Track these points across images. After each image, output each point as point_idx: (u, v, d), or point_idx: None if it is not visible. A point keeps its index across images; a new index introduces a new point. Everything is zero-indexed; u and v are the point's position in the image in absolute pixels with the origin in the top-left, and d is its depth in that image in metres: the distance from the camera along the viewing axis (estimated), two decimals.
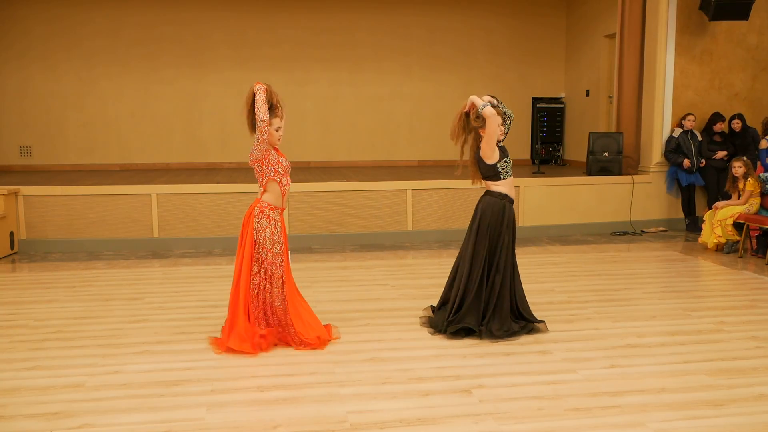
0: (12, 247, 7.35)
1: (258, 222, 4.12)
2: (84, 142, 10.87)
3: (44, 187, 7.59)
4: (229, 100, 11.00)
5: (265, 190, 4.17)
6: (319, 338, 4.23)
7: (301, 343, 4.17)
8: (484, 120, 4.32)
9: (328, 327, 4.43)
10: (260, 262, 4.12)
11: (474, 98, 4.43)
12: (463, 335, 4.34)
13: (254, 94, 4.07)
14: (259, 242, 4.11)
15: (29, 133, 10.75)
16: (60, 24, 10.64)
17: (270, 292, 4.14)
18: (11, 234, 7.34)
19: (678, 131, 8.57)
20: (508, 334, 4.32)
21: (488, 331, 4.31)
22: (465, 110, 4.48)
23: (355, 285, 5.90)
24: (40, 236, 7.50)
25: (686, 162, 8.48)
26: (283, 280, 4.17)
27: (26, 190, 7.49)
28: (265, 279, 4.13)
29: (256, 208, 4.15)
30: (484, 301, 4.39)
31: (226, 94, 10.99)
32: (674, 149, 8.54)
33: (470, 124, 4.47)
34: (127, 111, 10.97)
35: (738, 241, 7.18)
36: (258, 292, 4.14)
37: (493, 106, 4.36)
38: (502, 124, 4.43)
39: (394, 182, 8.20)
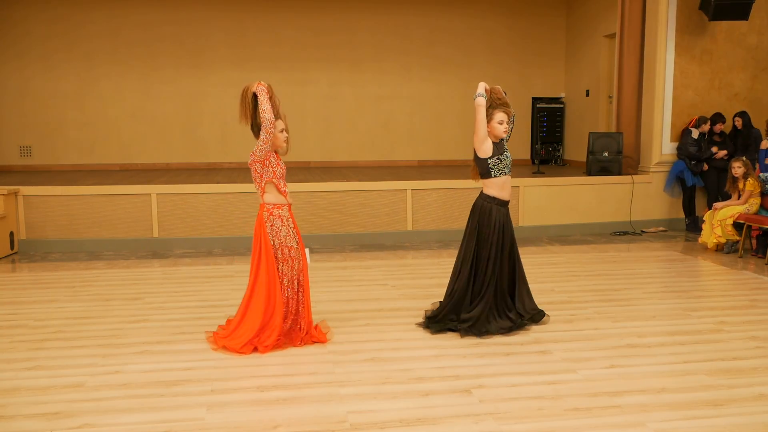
0: (12, 247, 7.35)
1: (271, 226, 4.14)
2: (84, 142, 10.88)
3: (44, 187, 7.59)
4: (229, 100, 10.93)
5: (264, 191, 4.18)
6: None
7: (309, 337, 4.24)
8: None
9: (317, 327, 4.42)
10: (285, 261, 4.15)
11: (480, 85, 4.45)
12: (446, 331, 4.44)
13: (255, 95, 4.06)
14: (280, 243, 4.14)
15: (29, 133, 10.75)
16: (60, 24, 10.64)
17: (290, 286, 4.19)
18: (11, 234, 7.34)
19: (696, 132, 8.58)
20: (483, 332, 4.35)
21: (466, 328, 4.37)
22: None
23: (355, 285, 5.90)
24: (40, 236, 7.50)
25: (721, 153, 8.54)
26: (302, 273, 4.23)
27: (26, 190, 7.49)
28: (292, 277, 4.18)
29: (264, 213, 4.16)
30: (472, 300, 4.44)
31: (226, 94, 10.96)
32: (698, 149, 8.55)
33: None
34: (127, 111, 10.97)
35: (738, 241, 7.19)
36: (289, 292, 4.18)
37: (499, 99, 4.41)
38: (507, 122, 4.43)
39: (394, 182, 8.21)
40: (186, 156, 11.11)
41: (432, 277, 6.14)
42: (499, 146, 4.43)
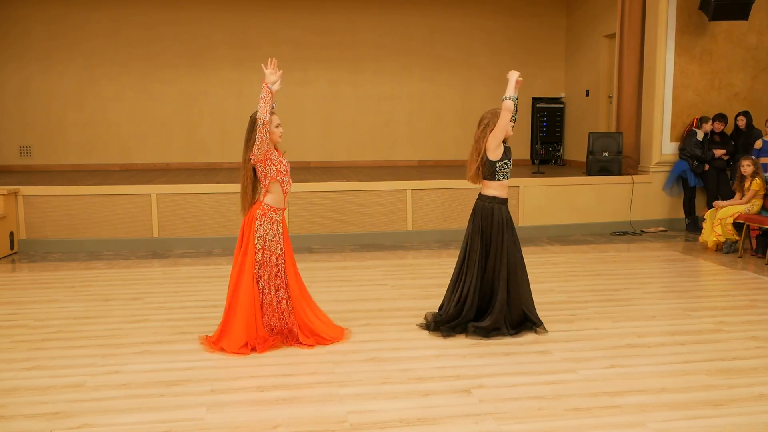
0: (12, 247, 7.35)
1: (260, 225, 4.13)
2: (84, 142, 10.88)
3: (44, 187, 7.59)
4: (229, 100, 11.01)
5: (267, 191, 4.17)
6: (324, 338, 4.27)
7: (304, 344, 4.20)
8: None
9: (341, 330, 4.42)
10: (265, 265, 4.13)
11: (512, 83, 4.36)
12: (454, 334, 4.40)
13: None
14: (264, 245, 4.12)
15: (29, 133, 10.75)
16: (60, 24, 10.64)
17: (275, 295, 4.16)
18: (11, 234, 7.34)
19: (701, 133, 8.58)
20: (495, 330, 4.34)
21: (475, 328, 4.35)
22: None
23: (355, 285, 5.90)
24: (40, 236, 7.50)
25: (719, 152, 8.55)
26: (285, 281, 4.18)
27: (26, 190, 7.49)
28: (269, 282, 4.14)
29: (258, 211, 4.16)
30: (480, 303, 4.43)
31: (226, 94, 10.99)
32: (702, 150, 8.55)
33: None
34: (127, 111, 10.97)
35: (737, 241, 7.18)
36: (264, 296, 4.15)
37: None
38: (512, 120, 4.43)
39: (394, 182, 8.21)
40: (186, 156, 11.11)
41: (432, 277, 6.14)
42: (507, 150, 4.43)
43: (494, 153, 4.36)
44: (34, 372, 3.80)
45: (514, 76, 4.39)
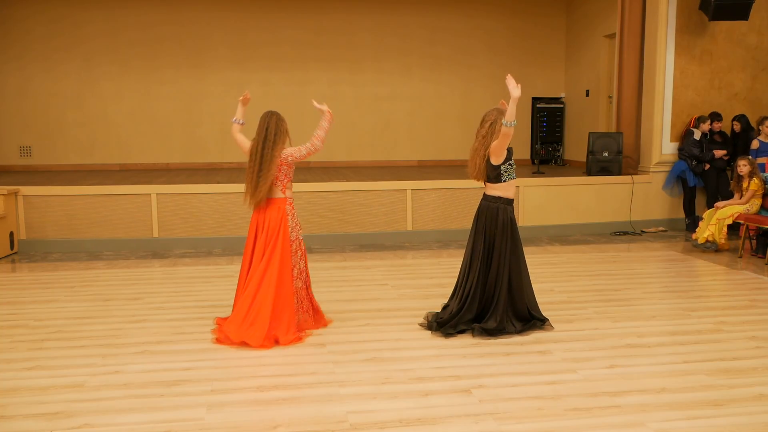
0: (12, 247, 7.35)
1: (291, 218, 4.40)
2: (84, 142, 10.87)
3: (44, 187, 7.59)
4: (229, 100, 10.97)
5: (285, 188, 4.42)
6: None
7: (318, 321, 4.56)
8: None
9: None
10: (296, 252, 4.40)
11: (515, 105, 4.20)
12: (456, 334, 4.41)
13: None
14: (296, 237, 4.41)
15: (29, 133, 10.74)
16: (60, 24, 10.64)
17: (304, 278, 4.48)
18: (11, 234, 7.34)
19: (699, 133, 8.58)
20: (500, 331, 4.36)
21: (481, 329, 4.36)
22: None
23: (355, 285, 5.90)
24: (40, 236, 7.50)
25: (720, 152, 8.54)
26: (305, 263, 4.53)
27: (26, 190, 7.49)
28: (302, 269, 4.44)
29: (287, 206, 4.39)
30: (481, 301, 4.44)
31: (226, 94, 10.98)
32: (701, 150, 8.54)
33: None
34: (127, 111, 10.97)
35: (716, 243, 7.18)
36: (299, 283, 4.42)
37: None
38: None
39: (394, 182, 8.21)
40: (186, 156, 11.11)
41: (432, 277, 6.14)
42: (509, 150, 4.43)
43: (498, 159, 4.39)
44: (34, 372, 3.80)
45: (516, 93, 4.12)
